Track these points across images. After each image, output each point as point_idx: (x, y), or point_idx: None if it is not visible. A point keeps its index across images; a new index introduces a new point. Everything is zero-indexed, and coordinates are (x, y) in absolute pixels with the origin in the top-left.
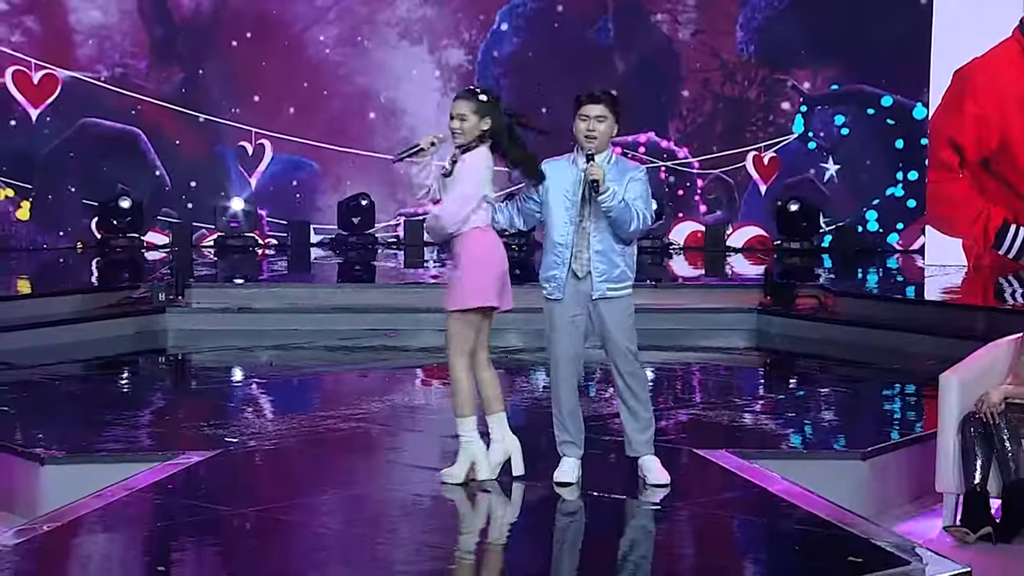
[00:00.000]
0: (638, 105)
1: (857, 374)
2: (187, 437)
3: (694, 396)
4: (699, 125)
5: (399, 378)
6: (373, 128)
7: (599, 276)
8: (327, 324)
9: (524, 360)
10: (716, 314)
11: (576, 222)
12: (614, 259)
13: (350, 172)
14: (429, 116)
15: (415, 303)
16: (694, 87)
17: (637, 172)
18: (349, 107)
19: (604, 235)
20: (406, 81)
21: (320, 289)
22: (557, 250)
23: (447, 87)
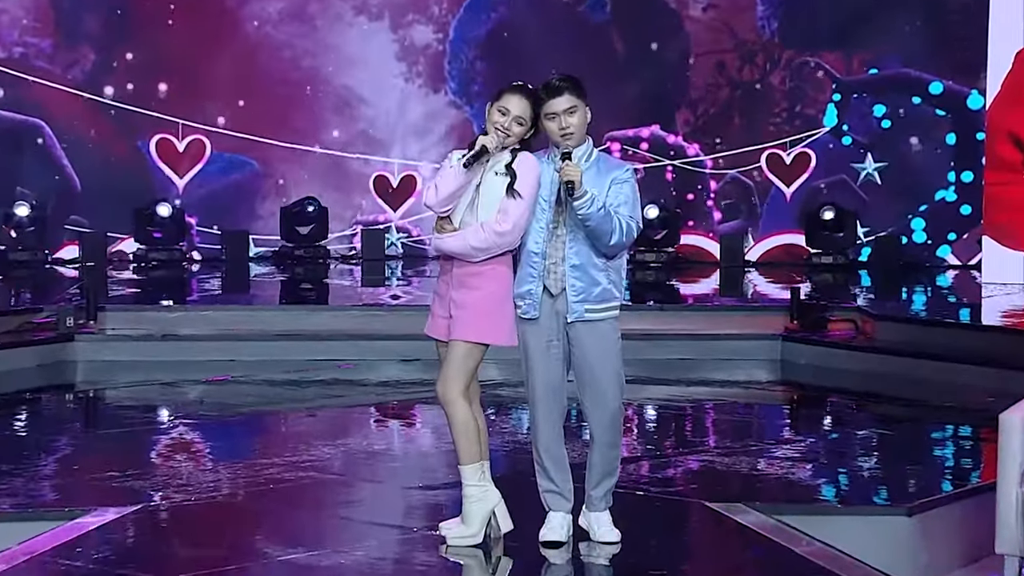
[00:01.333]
0: (640, 94)
1: (901, 413)
2: (100, 490)
3: (707, 439)
4: (712, 117)
5: (355, 418)
6: (324, 120)
7: (575, 295)
8: (269, 354)
9: (504, 397)
10: (733, 341)
11: (551, 229)
12: (594, 275)
13: (296, 173)
14: (390, 106)
15: (375, 328)
16: (706, 72)
17: (622, 173)
18: (295, 96)
19: (581, 246)
20: (363, 65)
21: (261, 312)
22: (532, 261)
23: (412, 71)
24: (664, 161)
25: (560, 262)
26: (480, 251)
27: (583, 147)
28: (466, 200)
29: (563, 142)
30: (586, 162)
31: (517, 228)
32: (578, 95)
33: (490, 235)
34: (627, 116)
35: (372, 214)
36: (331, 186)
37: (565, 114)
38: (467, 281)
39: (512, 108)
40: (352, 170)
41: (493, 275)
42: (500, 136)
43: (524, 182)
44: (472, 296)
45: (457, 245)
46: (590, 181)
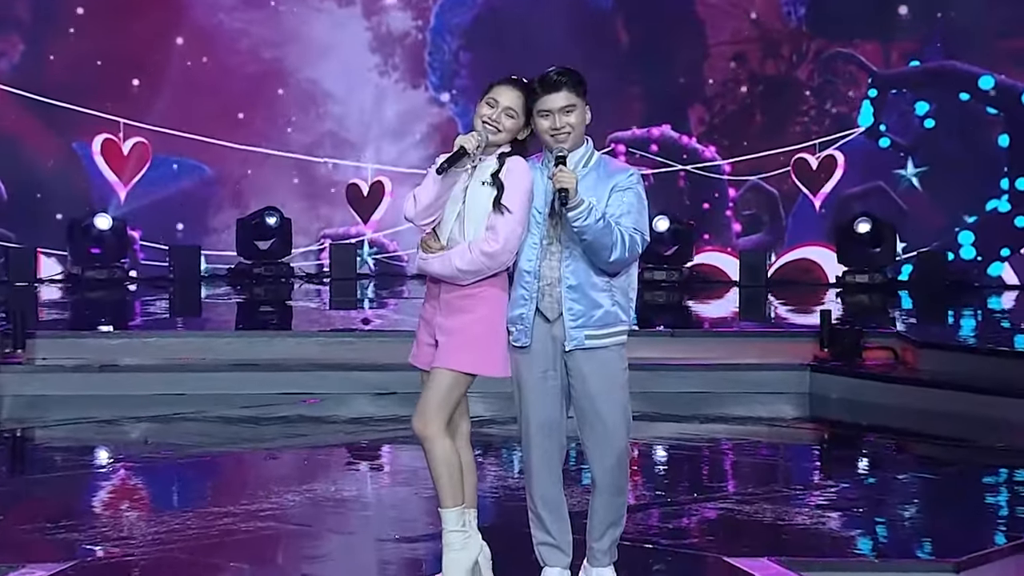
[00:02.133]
0: (648, 90)
1: (947, 455)
2: (29, 544)
3: (726, 484)
4: (731, 116)
5: (322, 460)
6: (287, 119)
7: (573, 319)
8: (224, 387)
9: (494, 435)
10: (755, 372)
11: (545, 245)
12: (594, 296)
13: (255, 179)
14: (363, 103)
15: (345, 357)
16: (724, 65)
17: (625, 178)
18: (254, 91)
19: (579, 264)
20: (332, 56)
21: (214, 339)
22: (524, 281)
23: (388, 63)
24: (676, 166)
25: (556, 282)
26: (468, 274)
27: (581, 150)
28: (453, 212)
29: (557, 144)
30: (584, 167)
31: (508, 247)
32: (578, 92)
33: (478, 256)
34: (634, 115)
35: (342, 227)
36: (295, 194)
37: (561, 112)
38: (456, 304)
39: (502, 99)
40: (319, 176)
41: (485, 298)
42: (487, 132)
43: (513, 193)
44: (461, 321)
45: (442, 267)
46: (589, 188)
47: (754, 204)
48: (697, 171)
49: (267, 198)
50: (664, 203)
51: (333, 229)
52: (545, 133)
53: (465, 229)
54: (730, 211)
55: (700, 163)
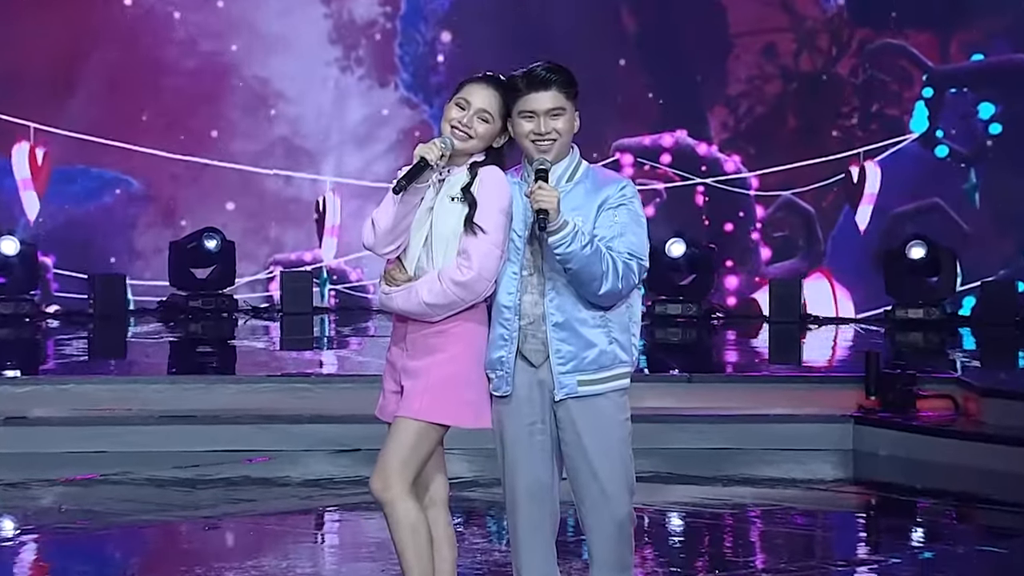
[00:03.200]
0: (661, 88)
1: (1016, 523)
2: None
3: (753, 559)
4: (758, 120)
5: (271, 531)
6: (230, 124)
7: (562, 363)
8: (153, 443)
9: (475, 501)
10: (788, 425)
11: (525, 276)
12: (586, 334)
13: (192, 195)
14: (323, 104)
15: (298, 407)
16: (750, 59)
17: (616, 190)
18: (191, 91)
19: (566, 296)
20: (284, 49)
21: (143, 386)
22: (503, 318)
23: (350, 57)
24: (693, 179)
25: (539, 319)
26: (437, 308)
27: (564, 161)
28: (419, 236)
29: (539, 153)
30: (568, 181)
31: (485, 274)
32: (568, 93)
33: (448, 287)
34: (643, 118)
35: (295, 251)
36: (240, 213)
37: (547, 115)
38: (424, 344)
39: (474, 100)
40: (269, 192)
41: (459, 334)
42: (453, 139)
43: (488, 210)
44: (428, 361)
45: (407, 302)
46: (574, 206)
47: (786, 224)
48: (718, 185)
49: (206, 217)
50: (679, 223)
51: (285, 254)
52: (525, 138)
53: (433, 255)
54: (758, 233)
55: (722, 176)
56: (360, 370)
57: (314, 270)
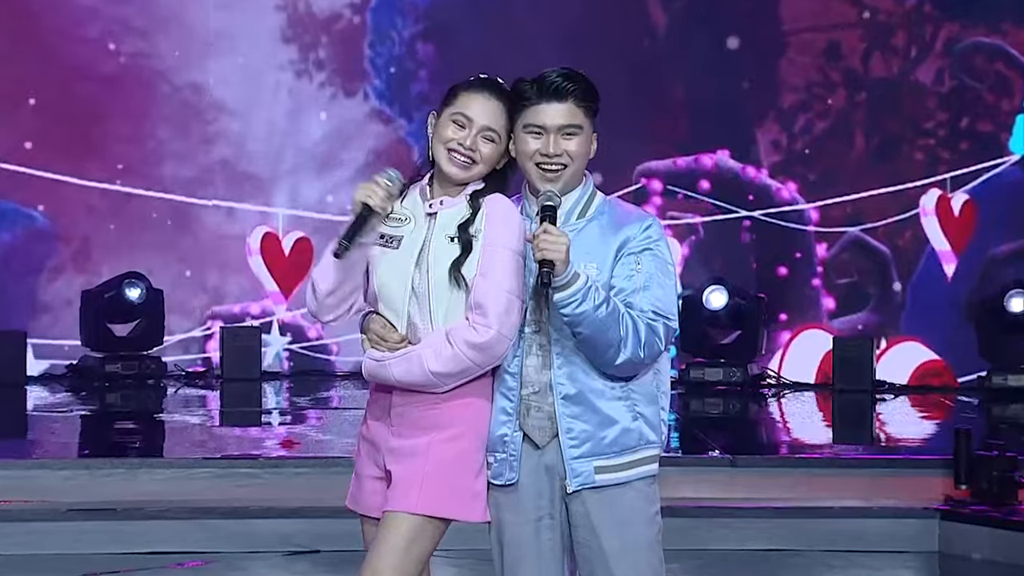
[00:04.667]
0: (697, 101)
1: None
2: None
3: None
4: (818, 137)
5: None
6: (158, 143)
7: (575, 444)
8: (61, 543)
9: None
10: (858, 520)
11: (528, 334)
12: (603, 408)
13: (109, 231)
14: (273, 118)
15: (243, 498)
16: (809, 62)
17: (639, 231)
18: (109, 101)
19: (577, 363)
20: (226, 49)
21: (47, 471)
22: (504, 387)
23: (309, 60)
24: (738, 212)
25: (545, 390)
26: (449, 378)
27: (576, 192)
28: (401, 287)
29: (545, 182)
30: (579, 218)
31: (506, 332)
32: (587, 109)
33: (462, 350)
34: (675, 136)
35: (240, 303)
36: (170, 255)
37: (560, 134)
38: (418, 419)
39: (477, 115)
40: (207, 228)
41: (462, 408)
42: (454, 165)
43: (499, 252)
44: (425, 442)
45: (409, 372)
46: (587, 250)
47: (853, 268)
48: (770, 219)
49: (127, 260)
50: (721, 267)
51: (226, 306)
52: (529, 160)
53: (431, 310)
54: (819, 279)
55: (774, 207)
56: (320, 451)
57: (263, 325)
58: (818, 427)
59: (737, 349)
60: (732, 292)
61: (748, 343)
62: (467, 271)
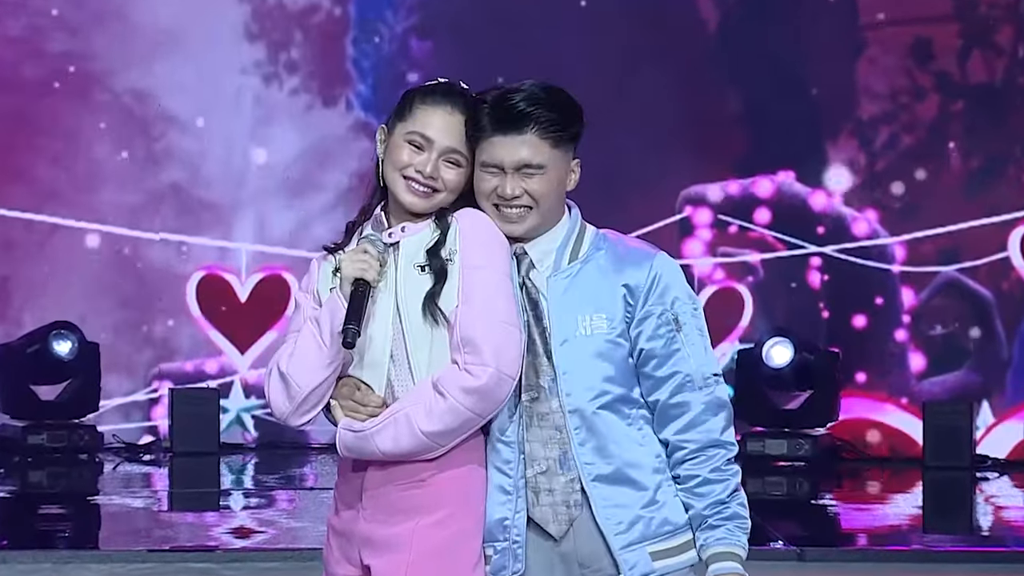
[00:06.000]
0: (755, 110)
1: None
2: None
3: None
4: (904, 156)
5: None
6: (94, 164)
7: (621, 531)
8: None
9: None
10: None
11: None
12: (644, 482)
13: (32, 271)
14: (236, 132)
15: None
16: (892, 63)
17: (647, 272)
18: (34, 113)
19: (606, 434)
20: (178, 49)
21: None
22: (502, 459)
23: (279, 62)
24: (807, 247)
25: (556, 468)
26: (444, 437)
27: (559, 232)
28: (386, 334)
29: (505, 222)
30: (572, 260)
31: (506, 368)
32: (557, 140)
33: (458, 400)
34: (728, 154)
35: (194, 359)
36: (107, 300)
37: (518, 173)
38: (397, 501)
39: (437, 136)
40: (153, 266)
41: (449, 484)
42: (411, 194)
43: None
44: (408, 527)
45: (397, 441)
46: (590, 297)
47: (950, 316)
48: (844, 256)
49: (55, 306)
50: (784, 316)
51: (176, 364)
52: (487, 199)
53: (410, 359)
54: (905, 330)
55: (849, 242)
56: (292, 541)
57: (221, 387)
58: (905, 512)
59: (805, 416)
60: (798, 346)
61: (818, 408)
62: (445, 303)
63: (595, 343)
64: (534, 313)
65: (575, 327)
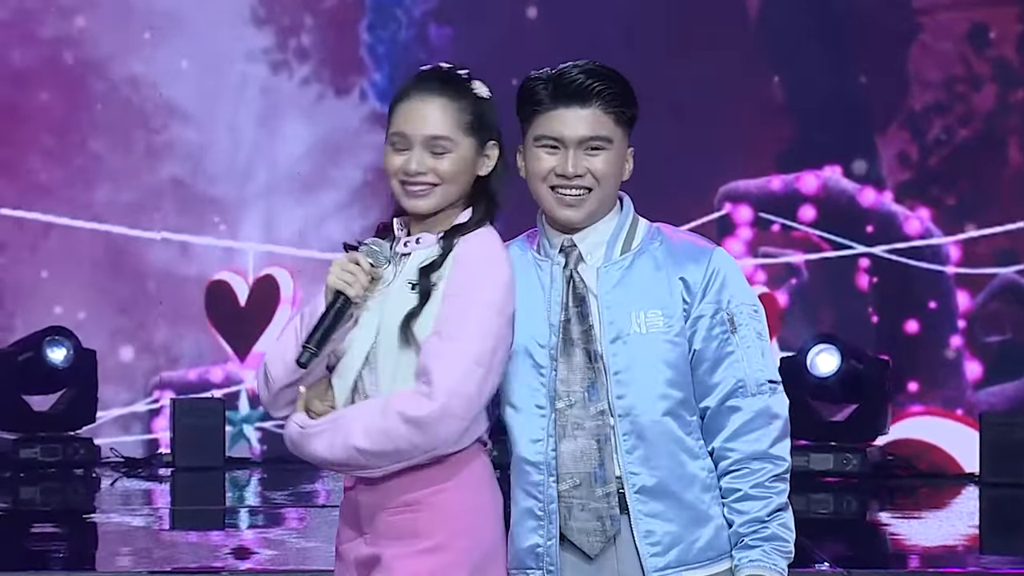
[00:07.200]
0: (798, 102)
1: None
2: None
3: None
4: (961, 150)
5: None
6: (91, 158)
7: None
8: None
9: None
10: None
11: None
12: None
13: (25, 273)
14: (242, 124)
15: None
16: (948, 49)
17: (705, 268)
18: (24, 104)
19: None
20: (178, 34)
21: None
22: (530, 481)
23: (288, 48)
24: (854, 248)
25: (591, 482)
26: (376, 458)
27: (612, 221)
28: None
29: (564, 209)
30: (624, 252)
31: (456, 409)
32: (619, 116)
33: (395, 426)
34: (771, 149)
35: (196, 367)
36: (105, 304)
37: (581, 148)
38: (387, 525)
39: (413, 128)
40: (154, 268)
41: (443, 513)
42: (408, 196)
43: (466, 301)
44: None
45: (330, 447)
46: (645, 291)
47: (1008, 322)
48: (895, 257)
49: (49, 311)
50: (831, 320)
51: (178, 372)
52: (542, 181)
53: (378, 376)
54: (960, 336)
55: (901, 242)
56: (303, 562)
57: (227, 397)
58: (960, 532)
59: (853, 428)
60: (846, 354)
61: (867, 420)
62: (420, 328)
63: (652, 342)
64: (578, 311)
65: (629, 324)
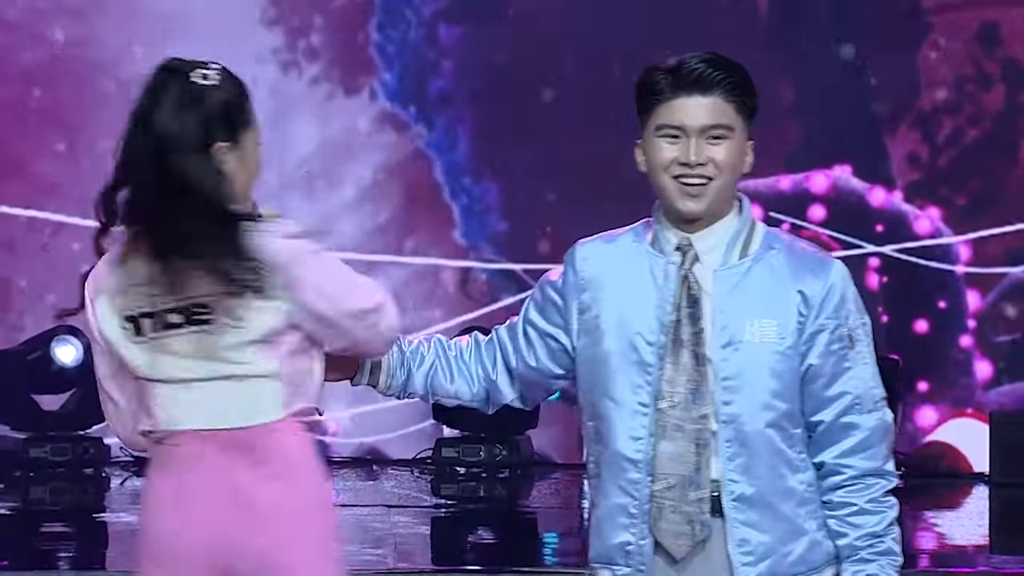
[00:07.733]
0: (807, 99)
1: None
2: None
3: None
4: (971, 150)
5: None
6: (98, 159)
7: (748, 563)
8: None
9: None
10: None
11: (664, 409)
12: (789, 515)
13: (35, 274)
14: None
15: None
16: (958, 49)
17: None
18: (32, 104)
19: (759, 453)
20: (188, 34)
21: None
22: (626, 478)
23: (297, 48)
24: (864, 247)
25: (686, 484)
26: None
27: (731, 222)
28: None
29: (683, 198)
30: (743, 256)
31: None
32: (740, 106)
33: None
34: (779, 148)
35: None
36: None
37: (704, 137)
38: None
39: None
40: None
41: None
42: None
43: None
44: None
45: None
46: (760, 299)
47: (1019, 321)
48: (904, 257)
49: (43, 314)
50: None
51: None
52: (665, 171)
53: None
54: (971, 335)
55: (910, 241)
56: None
57: None
58: (970, 532)
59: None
60: None
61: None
62: None
63: (764, 352)
64: (691, 312)
65: (743, 331)
